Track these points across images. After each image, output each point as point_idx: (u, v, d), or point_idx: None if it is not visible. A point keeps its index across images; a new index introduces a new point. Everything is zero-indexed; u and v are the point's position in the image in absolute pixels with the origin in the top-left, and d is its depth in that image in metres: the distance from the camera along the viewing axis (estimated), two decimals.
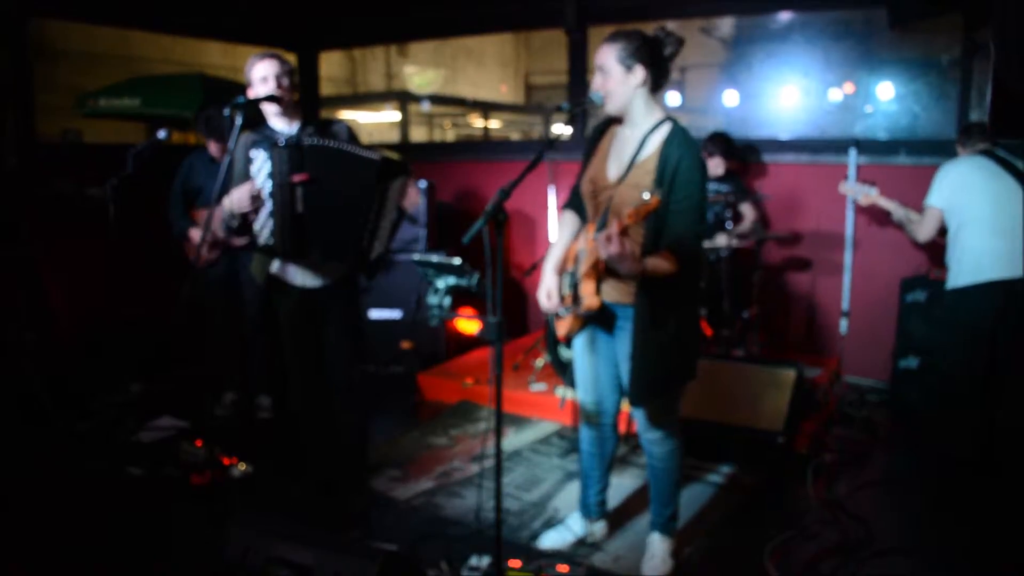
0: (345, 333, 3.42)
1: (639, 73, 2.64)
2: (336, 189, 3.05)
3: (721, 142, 5.05)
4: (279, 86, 3.11)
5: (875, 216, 5.11)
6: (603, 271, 2.72)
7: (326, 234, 3.10)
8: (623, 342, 2.79)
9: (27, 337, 4.35)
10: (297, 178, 3.02)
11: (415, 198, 3.33)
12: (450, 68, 14.80)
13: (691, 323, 2.87)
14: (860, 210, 5.14)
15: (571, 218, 2.98)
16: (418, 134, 14.00)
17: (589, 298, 2.73)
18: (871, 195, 4.56)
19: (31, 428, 4.24)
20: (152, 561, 3.06)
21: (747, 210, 5.08)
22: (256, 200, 3.05)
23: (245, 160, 3.10)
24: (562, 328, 2.95)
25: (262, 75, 3.10)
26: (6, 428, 4.21)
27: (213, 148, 4.47)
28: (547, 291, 2.86)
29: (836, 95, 8.28)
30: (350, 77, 14.26)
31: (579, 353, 3.03)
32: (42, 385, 4.27)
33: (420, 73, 13.81)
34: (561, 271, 2.93)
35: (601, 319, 2.88)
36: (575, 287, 2.82)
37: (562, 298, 2.89)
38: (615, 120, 2.82)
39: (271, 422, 4.62)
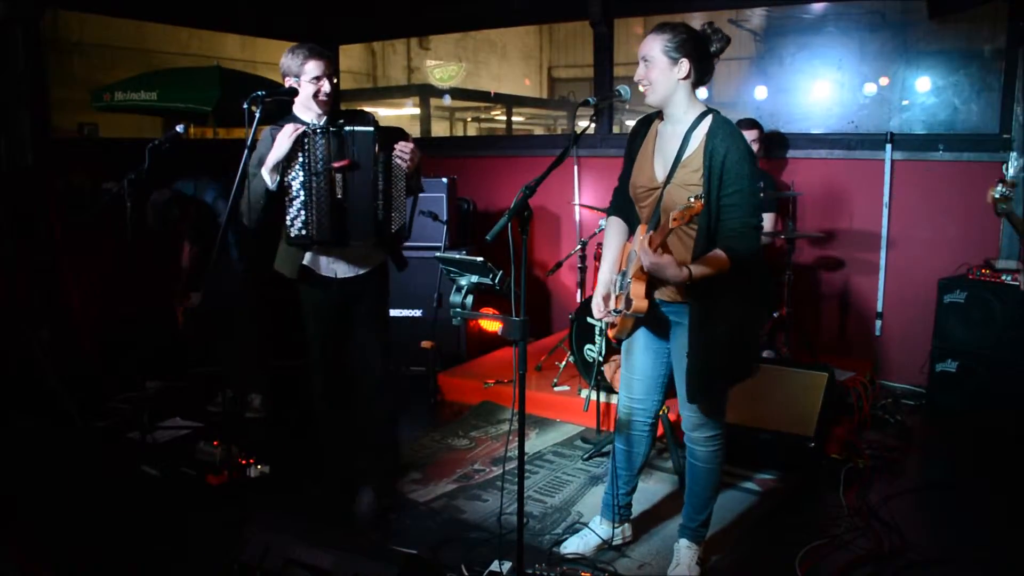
0: (376, 326, 3.41)
1: (684, 66, 2.62)
2: (363, 171, 3.11)
3: (750, 120, 4.94)
4: (331, 85, 3.16)
5: (912, 214, 4.96)
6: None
7: (358, 217, 3.15)
8: (679, 339, 2.76)
9: (42, 334, 4.34)
10: (338, 164, 3.06)
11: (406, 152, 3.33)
12: (472, 61, 14.76)
13: (750, 319, 2.81)
14: (896, 208, 5.00)
15: (618, 224, 2.96)
16: (439, 128, 13.97)
17: (637, 300, 2.70)
18: None
19: (51, 426, 4.24)
20: (170, 561, 3.06)
21: (767, 218, 4.91)
22: (298, 143, 3.03)
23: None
24: (612, 329, 2.95)
25: (315, 74, 3.11)
26: (26, 426, 4.21)
27: None
28: (597, 305, 2.89)
29: (871, 88, 8.10)
30: (370, 71, 14.27)
31: (627, 351, 3.00)
32: (60, 382, 4.25)
33: (441, 67, 13.77)
34: (617, 271, 2.93)
35: (651, 319, 2.84)
36: (626, 288, 2.79)
37: (615, 299, 2.88)
38: (654, 118, 2.79)
39: (261, 421, 4.60)
